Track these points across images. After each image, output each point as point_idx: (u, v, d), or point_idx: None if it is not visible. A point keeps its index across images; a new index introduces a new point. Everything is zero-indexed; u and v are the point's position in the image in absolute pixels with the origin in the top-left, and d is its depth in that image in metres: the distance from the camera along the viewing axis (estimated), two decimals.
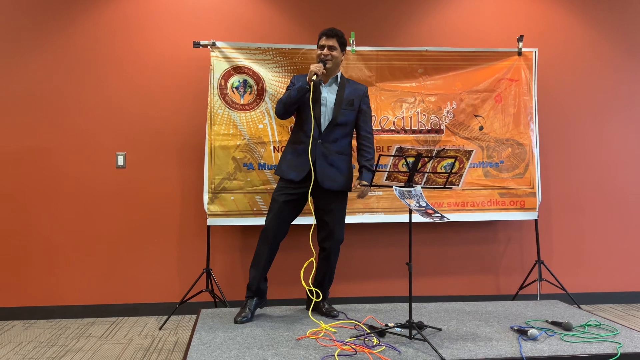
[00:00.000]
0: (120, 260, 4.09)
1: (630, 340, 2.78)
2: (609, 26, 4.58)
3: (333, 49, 3.17)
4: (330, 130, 3.16)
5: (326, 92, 3.20)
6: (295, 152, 3.18)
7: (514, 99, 4.20)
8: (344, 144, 3.23)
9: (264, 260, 3.18)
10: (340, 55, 3.23)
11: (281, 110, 3.16)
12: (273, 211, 3.16)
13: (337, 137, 3.19)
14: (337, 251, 3.24)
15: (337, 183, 3.17)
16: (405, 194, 2.78)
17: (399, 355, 2.52)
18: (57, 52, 4.07)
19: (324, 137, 3.15)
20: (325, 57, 3.14)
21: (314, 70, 3.04)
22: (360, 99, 3.26)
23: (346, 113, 3.19)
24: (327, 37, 3.19)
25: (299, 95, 3.08)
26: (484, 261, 4.42)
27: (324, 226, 3.21)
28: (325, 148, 3.15)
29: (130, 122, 4.12)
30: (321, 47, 3.18)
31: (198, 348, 2.63)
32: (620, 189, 4.55)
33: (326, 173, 3.13)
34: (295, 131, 3.28)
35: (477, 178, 4.16)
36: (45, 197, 4.03)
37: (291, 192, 3.15)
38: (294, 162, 3.16)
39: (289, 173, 3.16)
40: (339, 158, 3.19)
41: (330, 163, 3.15)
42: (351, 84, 3.30)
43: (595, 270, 4.51)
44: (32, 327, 3.81)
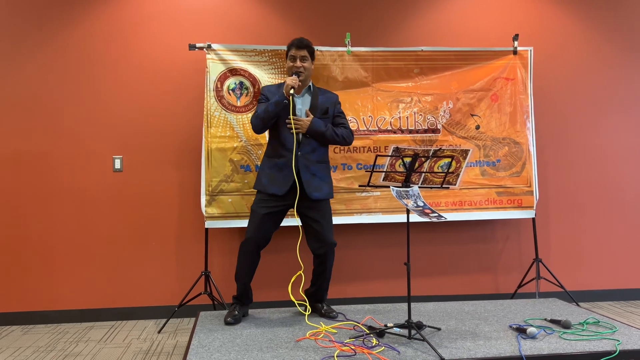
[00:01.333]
0: (119, 263, 4.08)
1: (629, 337, 2.78)
2: (604, 24, 4.59)
3: (305, 60, 3.17)
4: (309, 141, 3.16)
5: (300, 103, 3.20)
6: (275, 166, 3.15)
7: (510, 98, 4.21)
8: (322, 152, 3.24)
9: (248, 272, 3.20)
10: (311, 65, 3.23)
11: (259, 125, 3.12)
12: (254, 223, 3.13)
13: (314, 146, 3.18)
14: (333, 254, 3.23)
15: (323, 192, 3.18)
16: (403, 194, 2.79)
17: (399, 355, 2.52)
18: (53, 56, 4.06)
19: (303, 149, 3.14)
20: (298, 70, 3.13)
21: (290, 84, 3.03)
22: (334, 107, 3.26)
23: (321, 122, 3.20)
24: (298, 48, 3.17)
25: (277, 110, 3.06)
26: (482, 260, 4.42)
27: (314, 234, 3.19)
28: (306, 159, 3.14)
29: (127, 125, 4.12)
30: (292, 59, 3.17)
31: (197, 351, 2.63)
32: (617, 186, 4.56)
33: (312, 184, 3.13)
34: (272, 144, 3.24)
35: (474, 177, 4.16)
36: (43, 201, 4.02)
37: (272, 205, 3.13)
38: (275, 176, 3.13)
39: (271, 187, 3.13)
40: (320, 167, 3.20)
41: (313, 173, 3.15)
42: (322, 92, 3.30)
43: (594, 267, 4.52)
44: (30, 332, 3.80)
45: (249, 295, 3.28)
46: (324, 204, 3.21)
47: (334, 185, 3.97)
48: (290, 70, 3.17)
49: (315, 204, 3.16)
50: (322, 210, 3.18)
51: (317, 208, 3.17)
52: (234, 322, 3.12)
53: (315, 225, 3.17)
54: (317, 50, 3.98)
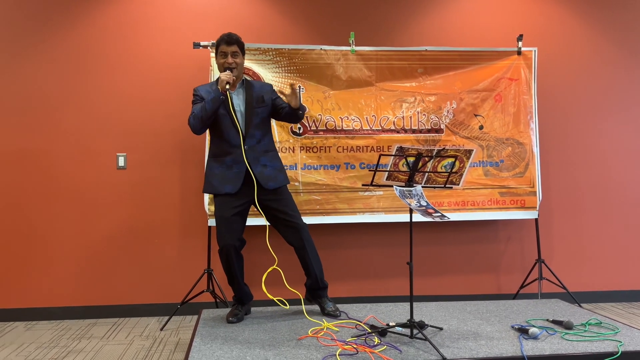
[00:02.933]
0: (121, 261, 4.10)
1: (631, 338, 2.78)
2: (609, 25, 4.58)
3: (236, 55, 3.13)
4: (252, 133, 3.13)
5: (236, 98, 3.17)
6: (223, 165, 3.11)
7: (513, 98, 4.20)
8: (267, 141, 3.22)
9: (237, 275, 3.17)
10: (242, 60, 3.19)
11: (198, 126, 3.06)
12: (224, 228, 3.07)
13: (259, 137, 3.16)
14: (308, 236, 3.19)
15: (278, 180, 3.16)
16: (406, 194, 2.79)
17: (400, 354, 2.52)
18: (57, 53, 4.07)
19: (248, 142, 3.11)
20: (230, 65, 3.09)
21: (224, 79, 2.99)
22: (270, 94, 3.23)
23: (259, 111, 3.17)
24: (228, 44, 3.12)
25: (215, 107, 3.02)
26: (484, 260, 4.42)
27: (282, 222, 3.17)
28: (253, 151, 3.12)
29: (131, 123, 4.13)
30: (223, 54, 3.11)
31: (199, 348, 2.64)
32: (620, 187, 4.55)
33: (265, 174, 3.11)
34: (215, 143, 3.18)
35: (477, 177, 4.16)
36: (46, 198, 4.04)
37: (234, 206, 3.08)
38: (225, 175, 3.09)
39: (223, 187, 3.08)
40: (269, 156, 3.18)
41: (263, 164, 3.13)
42: (256, 84, 3.28)
43: (596, 268, 4.52)
44: (33, 329, 3.81)
45: (248, 293, 3.28)
46: (283, 191, 3.19)
47: (337, 184, 4.00)
48: (222, 67, 3.12)
49: (273, 194, 3.14)
50: (282, 199, 3.16)
51: (277, 197, 3.15)
52: (236, 321, 3.12)
53: (280, 215, 3.15)
54: (321, 49, 4.00)
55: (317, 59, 4.00)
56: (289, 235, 3.18)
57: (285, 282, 3.35)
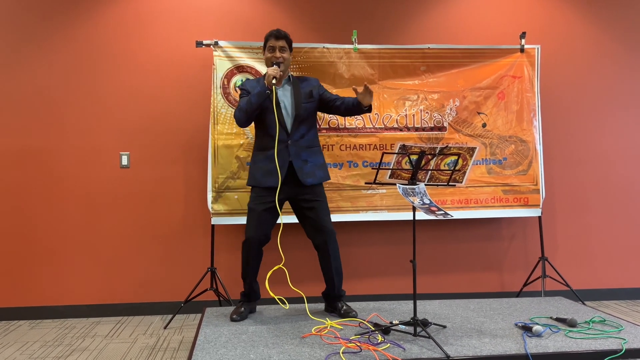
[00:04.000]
0: (125, 259, 4.11)
1: (635, 336, 2.78)
2: (612, 22, 4.57)
3: (284, 50, 3.16)
4: (296, 128, 3.15)
5: (281, 94, 3.19)
6: (266, 159, 3.13)
7: (516, 96, 4.20)
8: (311, 136, 3.23)
9: (252, 271, 3.19)
10: (289, 57, 3.22)
11: (243, 118, 3.10)
12: (253, 221, 3.12)
13: (303, 132, 3.18)
14: (335, 244, 3.19)
15: (317, 177, 3.17)
16: (409, 192, 2.79)
17: (404, 352, 2.52)
18: (60, 52, 4.08)
19: (292, 136, 3.14)
20: (277, 60, 3.12)
21: (271, 74, 3.02)
22: (317, 89, 3.25)
23: (307, 106, 3.19)
24: (276, 39, 3.16)
25: (260, 101, 3.05)
26: (488, 258, 4.42)
27: (311, 223, 3.18)
28: (296, 146, 3.14)
29: (134, 122, 4.13)
30: (271, 49, 3.16)
31: (203, 346, 2.65)
32: (624, 185, 4.54)
33: (304, 170, 3.13)
34: (260, 137, 3.22)
35: (480, 175, 4.15)
36: (50, 197, 4.05)
37: (269, 201, 3.10)
38: (268, 168, 3.12)
39: (266, 181, 3.11)
40: (311, 152, 3.19)
41: (304, 159, 3.15)
42: (302, 80, 3.30)
43: (600, 266, 4.51)
44: (37, 327, 3.83)
45: (256, 292, 3.29)
46: (319, 193, 3.20)
47: (340, 182, 4.00)
48: (270, 61, 3.15)
49: (309, 191, 3.15)
50: (316, 200, 3.17)
51: (312, 198, 3.16)
52: (240, 319, 3.12)
53: (310, 214, 3.16)
54: (324, 47, 3.99)
55: (320, 57, 4.00)
56: (316, 238, 3.19)
57: (289, 281, 3.35)
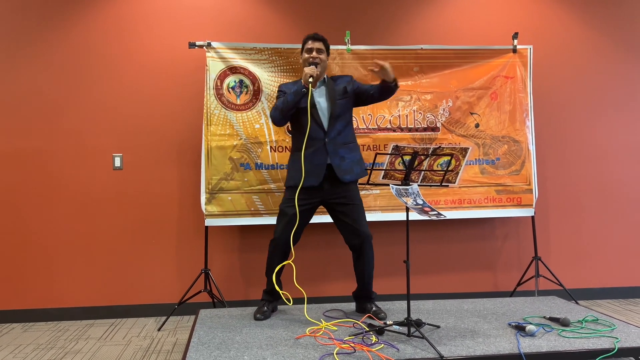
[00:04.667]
0: (119, 261, 4.09)
1: (628, 334, 2.79)
2: (604, 22, 4.59)
3: (321, 52, 3.19)
4: (332, 125, 3.16)
5: (317, 95, 3.21)
6: (306, 158, 3.12)
7: (509, 96, 4.21)
8: (348, 133, 3.24)
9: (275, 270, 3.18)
10: (326, 59, 3.24)
11: (278, 117, 3.14)
12: (283, 223, 3.13)
13: (340, 129, 3.19)
14: (370, 247, 3.20)
15: (355, 173, 3.18)
16: (402, 192, 2.79)
17: (398, 352, 2.53)
18: (52, 53, 4.06)
19: (329, 134, 3.15)
20: (314, 60, 3.14)
21: (309, 73, 3.04)
22: (351, 84, 3.27)
23: (342, 103, 3.20)
24: (314, 40, 3.20)
25: (296, 99, 3.07)
26: (481, 258, 4.43)
27: (348, 228, 3.18)
28: (333, 144, 3.15)
29: (127, 123, 4.12)
30: (309, 51, 3.18)
31: (197, 348, 2.64)
32: (616, 184, 4.57)
33: (342, 167, 3.14)
34: (296, 138, 3.23)
35: (473, 175, 4.17)
36: (43, 199, 4.03)
37: (301, 204, 3.10)
38: (307, 167, 3.10)
39: (307, 180, 3.09)
40: (348, 148, 3.20)
41: (341, 157, 3.15)
42: (336, 79, 3.32)
43: (593, 265, 4.53)
44: (30, 330, 3.81)
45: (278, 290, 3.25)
46: (354, 194, 3.18)
47: None
48: (307, 62, 3.17)
49: (344, 193, 3.15)
50: (352, 204, 3.16)
51: (347, 200, 3.15)
52: (263, 318, 3.14)
53: (346, 218, 3.16)
54: None
55: None
56: (352, 240, 3.20)
57: (295, 279, 3.35)
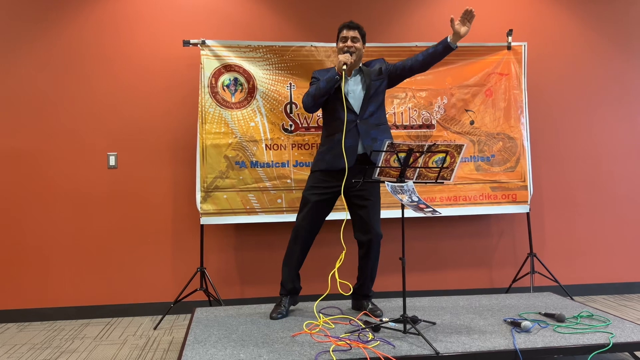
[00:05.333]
0: (114, 260, 4.08)
1: (622, 330, 2.80)
2: (598, 19, 4.61)
3: (356, 41, 3.16)
4: (365, 108, 3.13)
5: (352, 84, 3.18)
6: (335, 142, 3.10)
7: (504, 93, 4.22)
8: (380, 115, 3.21)
9: (296, 259, 3.19)
10: (362, 47, 3.21)
11: (310, 103, 3.12)
12: (305, 210, 3.13)
13: (372, 110, 3.16)
14: (378, 246, 3.19)
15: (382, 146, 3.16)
16: (398, 189, 2.79)
17: (394, 349, 2.53)
18: (45, 52, 4.05)
19: (361, 116, 3.12)
20: (349, 49, 3.12)
21: (343, 60, 3.02)
22: (384, 65, 3.24)
23: (377, 84, 3.18)
24: (349, 29, 3.16)
25: (329, 86, 3.05)
26: (476, 255, 4.44)
27: (361, 222, 3.17)
28: (366, 124, 3.12)
29: (121, 122, 4.11)
30: (343, 40, 3.16)
31: (193, 347, 2.64)
32: (611, 181, 4.58)
33: (374, 148, 3.09)
34: (328, 123, 3.21)
35: (468, 172, 4.17)
36: (37, 198, 4.01)
37: (323, 191, 3.11)
38: (337, 151, 3.08)
39: (339, 163, 3.07)
40: (379, 130, 3.16)
41: (374, 137, 3.13)
42: (369, 64, 3.29)
43: (588, 262, 4.55)
44: (25, 330, 3.79)
45: (296, 286, 3.24)
46: (374, 190, 3.16)
47: None
48: (342, 50, 3.15)
49: (365, 190, 3.12)
50: (370, 198, 3.14)
51: (366, 194, 3.13)
52: (281, 317, 3.11)
53: (361, 212, 3.15)
54: (312, 46, 3.99)
55: (308, 55, 4.00)
56: (361, 236, 3.18)
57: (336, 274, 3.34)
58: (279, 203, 3.94)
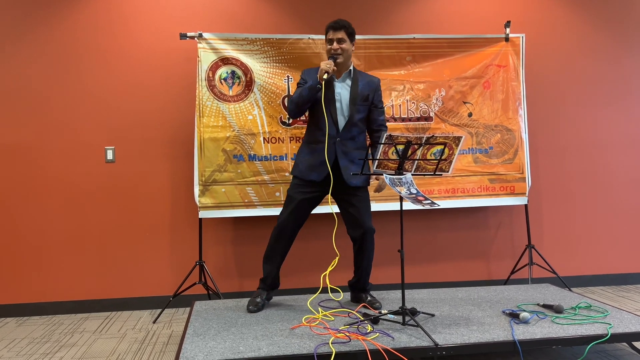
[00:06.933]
0: (113, 254, 4.08)
1: (620, 320, 2.81)
2: (597, 12, 4.59)
3: (342, 42, 3.07)
4: (348, 129, 3.11)
5: (340, 87, 3.13)
6: (314, 152, 3.11)
7: (502, 85, 4.21)
8: (361, 139, 3.20)
9: (278, 256, 3.19)
10: (350, 47, 3.12)
11: (294, 110, 3.08)
12: (289, 208, 3.12)
13: (354, 134, 3.14)
14: (372, 241, 3.19)
15: (362, 179, 3.14)
16: (396, 182, 2.79)
17: (393, 341, 2.54)
18: (42, 46, 4.02)
19: (342, 135, 3.10)
20: (335, 53, 3.05)
21: (324, 69, 2.95)
22: (374, 93, 3.18)
23: (361, 109, 3.13)
24: (335, 30, 3.07)
25: (311, 95, 3.01)
26: (475, 247, 4.45)
27: (351, 219, 3.17)
28: (345, 146, 3.10)
29: (119, 116, 4.09)
30: (329, 42, 3.08)
31: (192, 340, 2.64)
32: (608, 172, 4.59)
33: (350, 170, 3.09)
34: (310, 130, 3.19)
35: (467, 164, 4.17)
36: (35, 193, 4.00)
37: (309, 191, 3.12)
38: (313, 162, 3.10)
39: (309, 174, 3.10)
40: (359, 154, 3.15)
41: (351, 160, 3.11)
42: (364, 77, 3.22)
43: (586, 253, 4.56)
44: (25, 324, 3.79)
45: (276, 281, 3.26)
46: (362, 190, 3.18)
47: None
48: (328, 53, 3.09)
49: (353, 190, 3.13)
50: (359, 196, 3.15)
51: (355, 194, 3.14)
52: (257, 310, 3.12)
53: (351, 210, 3.14)
54: (310, 39, 3.97)
55: (305, 48, 3.98)
56: (354, 232, 3.18)
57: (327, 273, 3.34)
58: (277, 196, 3.94)
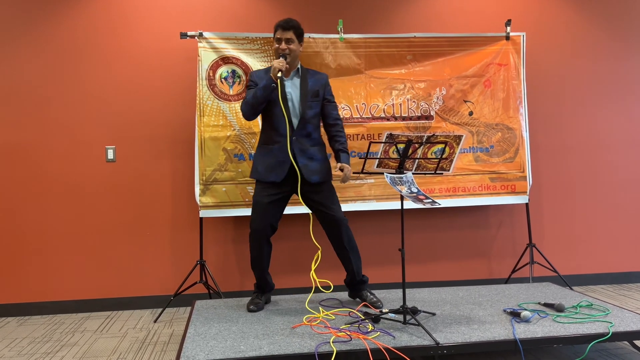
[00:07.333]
0: (113, 254, 4.08)
1: (622, 319, 2.81)
2: (597, 10, 4.59)
3: (290, 42, 3.09)
4: (302, 126, 3.12)
5: (290, 86, 3.15)
6: (270, 153, 3.12)
7: (502, 84, 4.21)
8: (317, 135, 3.21)
9: (263, 261, 3.20)
10: (298, 47, 3.15)
11: (249, 112, 3.08)
12: (258, 213, 3.11)
13: (309, 130, 3.15)
14: (347, 230, 3.18)
15: (322, 174, 3.15)
16: (397, 181, 2.79)
17: (394, 340, 2.54)
18: (42, 45, 4.02)
19: (298, 133, 3.11)
20: (283, 52, 3.06)
21: (277, 67, 2.96)
22: (324, 89, 3.21)
23: (313, 105, 3.16)
24: (284, 30, 3.09)
25: (266, 94, 3.01)
26: (476, 246, 4.45)
27: (322, 214, 3.17)
28: (301, 143, 3.11)
29: (119, 115, 4.09)
30: (278, 41, 3.10)
31: (193, 339, 2.64)
32: (610, 171, 4.58)
33: (309, 168, 3.10)
34: (265, 131, 3.19)
35: (467, 163, 4.17)
36: (36, 192, 4.01)
37: (273, 193, 3.11)
38: (271, 163, 3.11)
39: (268, 175, 3.10)
40: (316, 150, 3.17)
41: (310, 157, 3.12)
42: (312, 74, 3.24)
43: (587, 252, 4.55)
44: (26, 323, 3.80)
45: (269, 282, 3.29)
46: (325, 185, 3.18)
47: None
48: (277, 53, 3.10)
49: (316, 187, 3.14)
50: (324, 191, 3.16)
51: (319, 190, 3.15)
52: (257, 309, 3.13)
53: (319, 207, 3.15)
54: (310, 37, 3.96)
55: (306, 47, 3.97)
56: (327, 228, 3.19)
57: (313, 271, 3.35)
58: None
